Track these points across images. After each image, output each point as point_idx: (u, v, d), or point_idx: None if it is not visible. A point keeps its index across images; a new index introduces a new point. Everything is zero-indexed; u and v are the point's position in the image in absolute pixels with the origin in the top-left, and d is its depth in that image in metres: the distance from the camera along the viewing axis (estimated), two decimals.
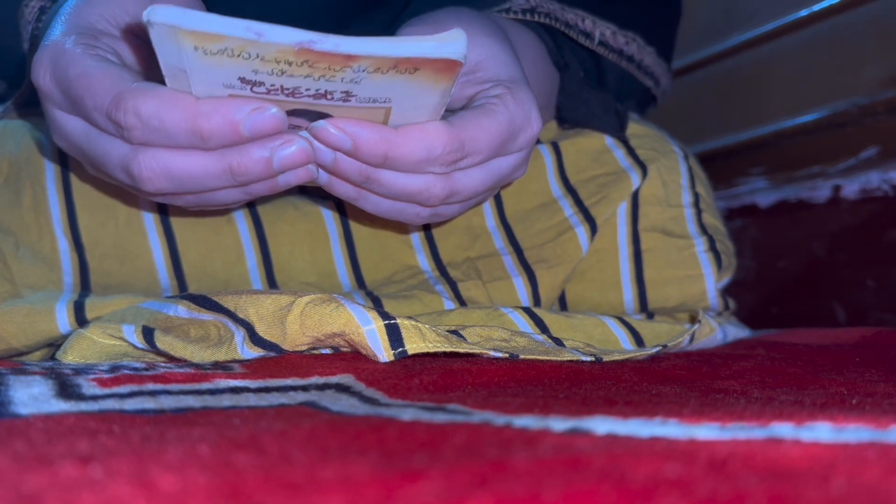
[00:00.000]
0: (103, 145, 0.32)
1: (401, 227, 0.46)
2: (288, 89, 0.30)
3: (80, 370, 0.30)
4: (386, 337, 0.33)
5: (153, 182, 0.32)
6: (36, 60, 0.33)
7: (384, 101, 0.31)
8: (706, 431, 0.20)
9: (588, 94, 0.49)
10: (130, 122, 0.30)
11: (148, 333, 0.33)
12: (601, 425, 0.21)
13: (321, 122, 0.32)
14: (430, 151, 0.33)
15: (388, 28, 0.48)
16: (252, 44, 0.27)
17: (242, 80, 0.29)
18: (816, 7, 0.71)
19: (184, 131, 0.30)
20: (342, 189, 0.36)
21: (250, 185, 0.33)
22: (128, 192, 0.42)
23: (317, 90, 0.30)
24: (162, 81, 0.31)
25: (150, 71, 0.36)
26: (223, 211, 0.43)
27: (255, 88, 0.30)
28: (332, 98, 0.31)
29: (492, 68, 0.37)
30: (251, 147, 0.31)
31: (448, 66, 0.29)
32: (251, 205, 0.44)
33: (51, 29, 0.34)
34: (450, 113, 0.35)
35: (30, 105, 0.45)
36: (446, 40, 0.29)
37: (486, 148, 0.34)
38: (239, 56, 0.28)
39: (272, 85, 0.30)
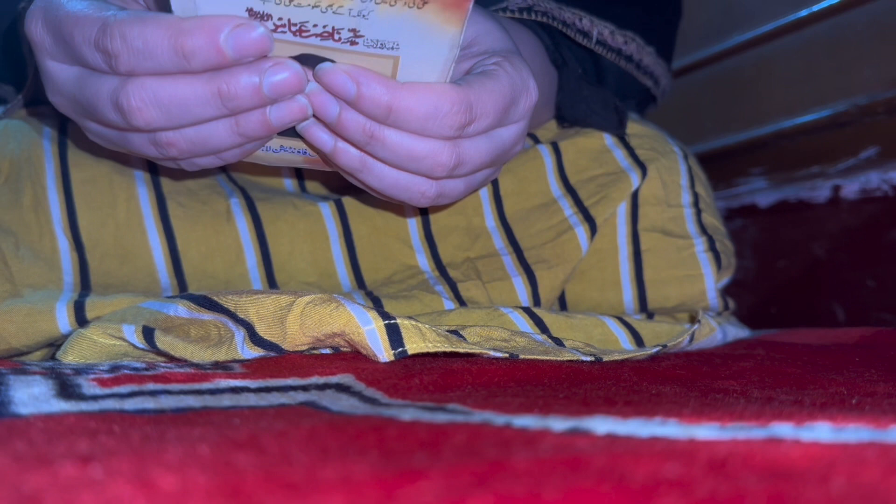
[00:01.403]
0: (94, 85, 0.32)
1: (400, 225, 0.46)
2: (295, 24, 0.30)
3: (81, 370, 0.30)
4: (386, 337, 0.33)
5: (143, 113, 0.32)
6: (29, 13, 0.33)
7: (392, 48, 0.31)
8: (706, 431, 0.20)
9: (587, 91, 0.49)
10: (116, 46, 0.30)
11: (148, 333, 0.33)
12: (601, 425, 0.21)
13: (327, 64, 0.32)
14: (437, 108, 0.32)
15: None
16: None
17: (250, 11, 0.29)
18: (816, 7, 0.71)
19: (166, 50, 0.30)
20: (346, 158, 0.35)
21: (242, 117, 0.32)
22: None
23: (324, 26, 0.30)
24: None
25: None
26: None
27: (263, 23, 0.30)
28: (340, 38, 0.30)
29: (486, 42, 0.37)
30: (241, 71, 0.31)
31: (456, 2, 0.29)
32: (251, 204, 0.44)
33: None
34: None
35: (35, 103, 0.45)
36: None
37: (493, 111, 0.34)
38: None
39: (280, 19, 0.30)
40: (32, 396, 0.25)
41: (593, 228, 0.47)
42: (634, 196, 0.48)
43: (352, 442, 0.19)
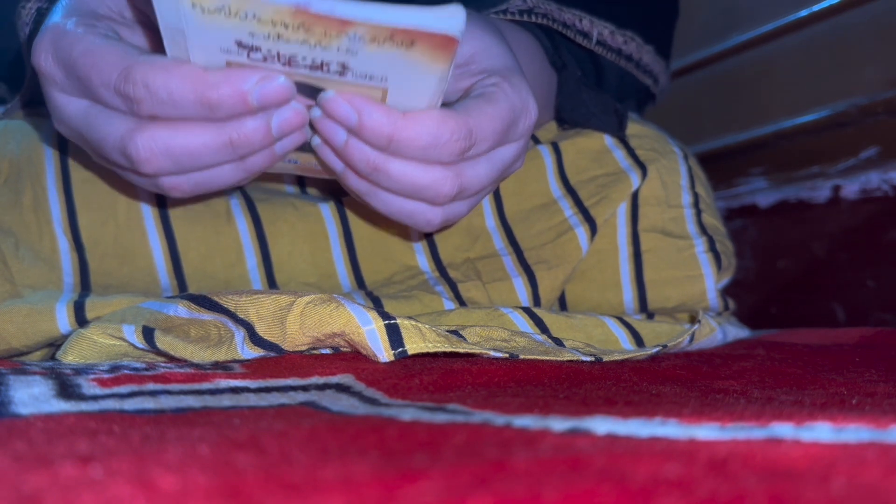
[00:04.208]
0: (102, 126, 0.33)
1: (400, 225, 0.46)
2: (284, 57, 0.30)
3: (81, 370, 0.30)
4: (386, 337, 0.33)
5: (151, 162, 0.32)
6: (37, 43, 0.33)
7: (381, 80, 0.31)
8: (706, 431, 0.20)
9: (586, 95, 0.49)
10: (139, 93, 0.31)
11: (148, 333, 0.33)
12: (601, 425, 0.21)
13: (331, 93, 0.32)
14: (437, 138, 0.33)
15: None
16: (249, 1, 0.27)
17: (240, 44, 0.30)
18: (816, 7, 0.71)
19: (192, 102, 0.30)
20: (355, 183, 0.35)
21: (249, 158, 0.33)
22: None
23: (313, 60, 0.30)
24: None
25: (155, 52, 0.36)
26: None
27: (251, 54, 0.30)
28: (329, 70, 0.31)
29: (485, 60, 0.37)
30: (247, 117, 0.32)
31: (444, 43, 0.29)
32: (251, 205, 0.44)
33: (51, 14, 0.34)
34: (447, 107, 0.35)
35: (31, 105, 0.45)
36: (444, 14, 0.29)
37: (492, 135, 0.34)
38: (236, 15, 0.28)
39: (269, 51, 0.30)
40: (32, 396, 0.25)
41: (593, 229, 0.47)
42: (634, 196, 0.48)
43: (352, 442, 0.19)
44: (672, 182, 0.49)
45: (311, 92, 0.32)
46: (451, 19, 0.29)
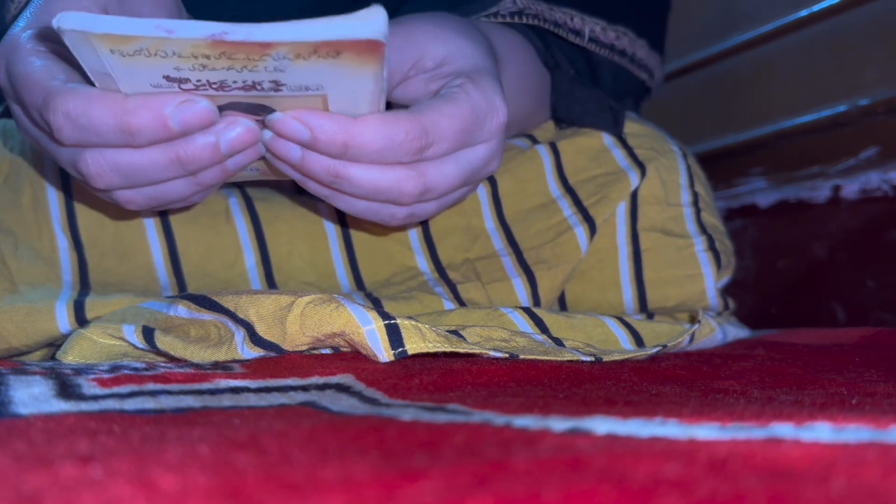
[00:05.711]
0: (53, 143, 0.33)
1: (397, 228, 0.46)
2: (215, 83, 0.30)
3: (81, 370, 0.30)
4: (386, 337, 0.33)
5: (102, 178, 0.32)
6: None
7: (317, 89, 0.31)
8: (706, 431, 0.20)
9: (581, 92, 0.49)
10: (59, 122, 0.30)
11: (148, 333, 0.33)
12: (601, 425, 0.21)
13: (278, 114, 0.32)
14: (391, 139, 0.32)
15: None
16: (164, 41, 0.27)
17: (168, 78, 0.29)
18: (816, 7, 0.71)
19: (112, 129, 0.30)
20: (315, 188, 0.35)
21: (200, 173, 0.33)
22: None
23: (244, 81, 0.30)
24: None
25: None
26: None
27: (182, 85, 0.30)
28: (262, 88, 0.30)
29: (457, 62, 0.37)
30: (196, 135, 0.31)
31: (370, 47, 0.28)
32: (250, 204, 0.44)
33: (14, 25, 0.34)
34: (403, 108, 0.35)
35: None
36: (364, 19, 0.28)
37: (451, 134, 0.34)
38: (156, 55, 0.28)
39: (198, 80, 0.30)
40: (32, 396, 0.25)
41: (593, 228, 0.47)
42: (634, 196, 0.48)
43: (352, 442, 0.19)
44: (671, 181, 0.49)
45: (255, 108, 0.32)
46: (372, 23, 0.28)
